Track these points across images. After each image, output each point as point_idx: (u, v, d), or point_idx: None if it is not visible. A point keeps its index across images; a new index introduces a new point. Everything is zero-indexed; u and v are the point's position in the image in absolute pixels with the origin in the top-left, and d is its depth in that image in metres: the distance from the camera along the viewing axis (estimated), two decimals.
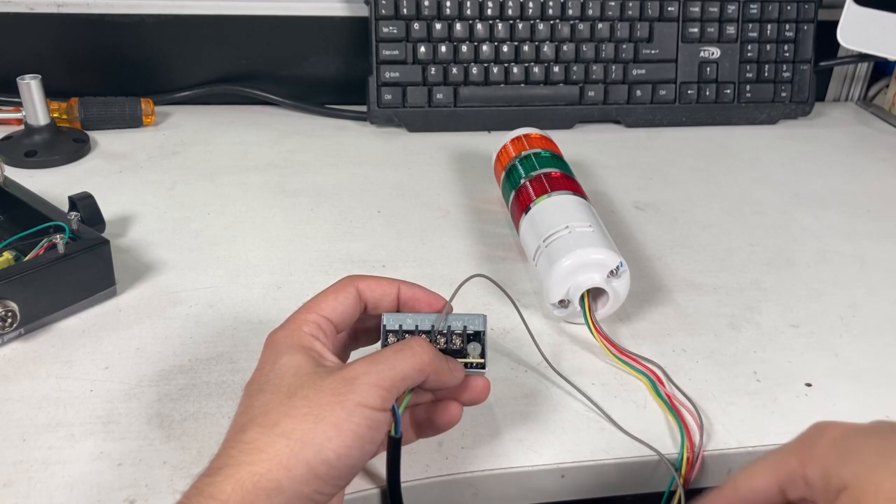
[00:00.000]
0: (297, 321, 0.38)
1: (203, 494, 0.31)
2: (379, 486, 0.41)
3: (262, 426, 0.33)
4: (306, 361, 0.36)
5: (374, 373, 0.35)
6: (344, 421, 0.33)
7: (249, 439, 0.33)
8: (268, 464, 0.32)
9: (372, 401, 0.34)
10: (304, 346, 0.37)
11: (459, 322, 0.41)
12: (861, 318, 0.56)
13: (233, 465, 0.32)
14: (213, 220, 0.66)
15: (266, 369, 0.36)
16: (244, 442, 0.33)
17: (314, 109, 0.88)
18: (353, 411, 0.33)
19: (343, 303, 0.40)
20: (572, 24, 0.85)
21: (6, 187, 0.59)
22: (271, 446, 0.32)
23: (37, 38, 0.83)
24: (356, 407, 0.34)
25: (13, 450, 0.42)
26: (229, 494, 0.31)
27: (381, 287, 0.41)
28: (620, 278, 0.51)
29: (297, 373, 0.35)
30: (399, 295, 0.41)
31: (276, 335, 0.38)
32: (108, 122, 0.81)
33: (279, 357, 0.37)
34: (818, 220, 0.70)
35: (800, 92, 0.91)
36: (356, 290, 0.40)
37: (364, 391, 0.34)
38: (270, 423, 0.33)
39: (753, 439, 0.45)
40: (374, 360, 0.36)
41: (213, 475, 0.32)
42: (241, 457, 0.32)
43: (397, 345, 0.38)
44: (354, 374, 0.35)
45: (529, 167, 0.62)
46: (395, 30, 0.82)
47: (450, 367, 0.39)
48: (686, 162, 0.81)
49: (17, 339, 0.50)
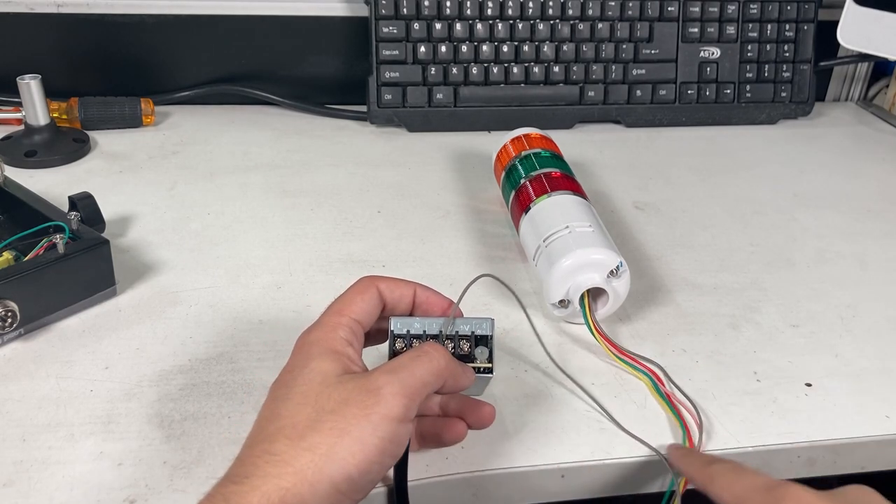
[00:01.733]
0: (332, 324, 0.38)
1: (229, 502, 0.32)
2: (386, 485, 0.41)
3: (290, 438, 0.33)
4: (334, 368, 0.36)
5: (396, 382, 0.35)
6: (369, 435, 0.33)
7: (277, 451, 0.33)
8: (293, 478, 0.32)
9: (396, 411, 0.34)
10: (338, 350, 0.37)
11: (467, 326, 0.41)
12: (861, 318, 0.56)
13: (259, 476, 0.32)
14: (213, 220, 0.66)
15: (295, 372, 0.36)
16: (270, 453, 0.33)
17: (314, 109, 0.88)
18: (378, 425, 0.34)
19: (369, 303, 0.40)
20: (572, 24, 0.85)
21: (6, 187, 0.59)
22: (297, 460, 0.33)
23: (37, 38, 0.83)
24: (381, 420, 0.34)
25: (13, 450, 0.42)
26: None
27: (400, 289, 0.41)
28: (620, 278, 0.51)
29: (325, 381, 0.36)
30: (415, 297, 0.42)
31: (310, 336, 0.38)
32: (108, 122, 0.81)
33: (310, 360, 0.37)
34: (818, 220, 0.70)
35: (800, 92, 0.91)
36: (378, 291, 0.41)
37: (388, 402, 0.34)
38: (297, 437, 0.33)
39: (753, 439, 0.45)
40: (394, 368, 0.36)
41: (240, 483, 0.32)
42: (268, 468, 0.33)
43: (412, 351, 0.38)
44: (378, 385, 0.35)
45: (529, 167, 0.62)
46: (395, 30, 0.82)
47: (463, 369, 0.39)
48: (686, 162, 0.81)
49: (17, 339, 0.50)
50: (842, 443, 0.46)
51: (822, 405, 0.48)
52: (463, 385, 0.39)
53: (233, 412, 0.45)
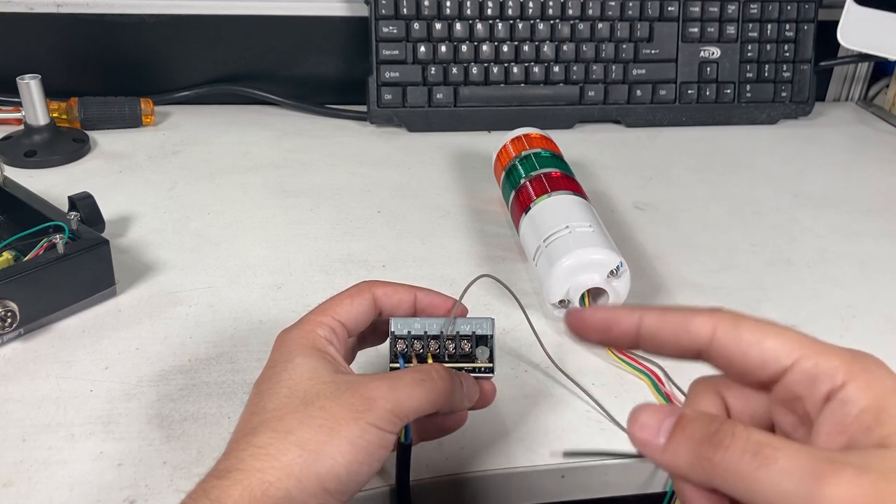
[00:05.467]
0: (312, 322, 0.38)
1: (209, 497, 0.31)
2: (388, 485, 0.41)
3: (276, 431, 0.33)
4: (324, 366, 0.36)
5: (392, 399, 0.34)
6: (358, 438, 0.33)
7: (261, 443, 0.32)
8: (279, 472, 0.31)
9: (385, 425, 0.34)
10: (319, 348, 0.37)
11: (468, 326, 0.41)
12: (861, 318, 0.56)
13: (242, 470, 0.32)
14: (213, 220, 0.66)
15: (278, 368, 0.36)
16: (255, 446, 0.32)
17: (314, 109, 0.88)
18: (366, 430, 0.33)
19: (358, 308, 0.39)
20: (572, 24, 0.85)
21: (6, 187, 0.59)
22: (284, 454, 0.32)
23: (37, 38, 0.83)
24: (370, 427, 0.33)
25: (13, 450, 0.42)
26: (237, 500, 0.31)
27: (399, 294, 0.41)
28: (620, 278, 0.51)
29: (314, 377, 0.35)
30: (416, 302, 0.41)
31: (289, 334, 0.38)
32: (108, 122, 0.81)
33: (293, 356, 0.36)
34: (818, 220, 0.70)
35: (800, 92, 0.91)
36: (372, 297, 0.40)
37: (380, 414, 0.34)
38: (284, 430, 0.33)
39: None
40: (394, 385, 0.35)
41: (221, 478, 0.31)
42: (252, 461, 0.32)
43: (418, 373, 0.37)
44: (374, 396, 0.34)
45: (529, 167, 0.62)
46: (395, 30, 0.82)
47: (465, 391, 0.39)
48: (686, 162, 0.81)
49: (17, 339, 0.50)
50: None
51: None
52: (459, 409, 0.39)
53: (233, 412, 0.45)
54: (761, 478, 0.24)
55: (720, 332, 0.27)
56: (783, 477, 0.23)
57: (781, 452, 0.24)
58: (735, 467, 0.25)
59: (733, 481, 0.25)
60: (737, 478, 0.25)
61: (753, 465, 0.24)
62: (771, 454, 0.24)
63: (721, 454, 0.25)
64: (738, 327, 0.27)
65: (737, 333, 0.27)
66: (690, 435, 0.26)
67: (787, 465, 0.24)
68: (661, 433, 0.27)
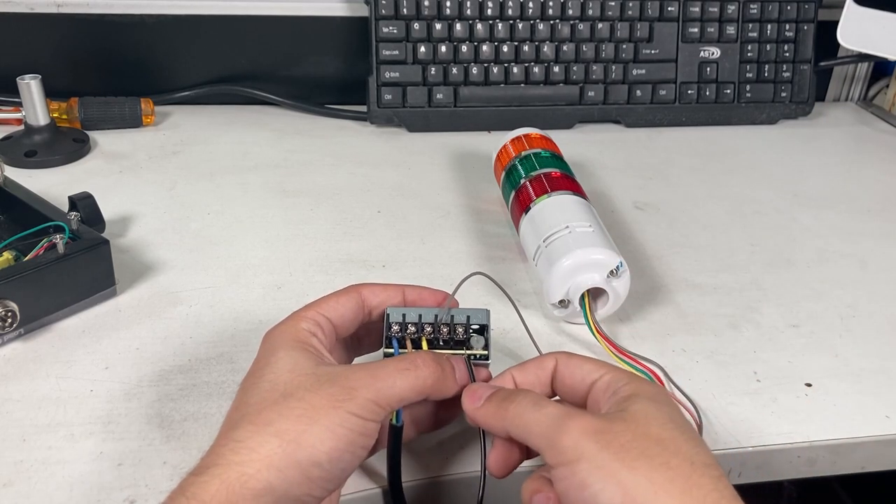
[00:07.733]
0: (295, 318, 0.39)
1: (186, 495, 0.31)
2: (380, 486, 0.41)
3: (255, 424, 0.33)
4: (305, 358, 0.36)
5: (373, 388, 0.35)
6: (337, 426, 0.33)
7: (240, 437, 0.32)
8: (259, 464, 0.31)
9: (366, 414, 0.34)
10: (301, 340, 0.37)
11: (464, 316, 0.41)
12: (861, 318, 0.56)
13: (221, 465, 0.32)
14: (213, 220, 0.66)
15: (261, 364, 0.36)
16: (235, 440, 0.32)
17: (314, 109, 0.88)
18: (346, 418, 0.33)
19: (344, 305, 0.40)
20: (572, 24, 0.85)
21: (6, 187, 0.59)
22: (263, 446, 0.32)
23: (37, 38, 0.83)
24: (349, 415, 0.33)
25: (13, 450, 0.42)
26: (213, 494, 0.31)
27: (386, 292, 0.41)
28: (620, 278, 0.51)
29: (294, 370, 0.35)
30: (405, 298, 0.42)
31: (274, 331, 0.38)
32: (108, 122, 0.81)
33: (276, 352, 0.36)
34: (818, 220, 0.70)
35: (800, 92, 0.91)
36: (359, 296, 0.41)
37: (360, 403, 0.34)
38: (263, 423, 0.33)
39: (753, 439, 0.45)
40: (376, 374, 0.35)
41: (200, 474, 0.32)
42: (231, 455, 0.32)
43: (403, 361, 0.37)
44: (354, 385, 0.34)
45: (529, 167, 0.62)
46: (395, 30, 0.82)
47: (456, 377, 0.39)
48: (686, 162, 0.81)
49: (17, 339, 0.50)
50: (842, 443, 0.46)
51: (822, 405, 0.48)
52: (448, 396, 0.39)
53: None
54: (533, 419, 0.34)
55: (560, 363, 0.39)
56: (546, 417, 0.34)
57: (551, 404, 0.35)
58: (521, 412, 0.35)
59: (517, 423, 0.35)
60: (519, 420, 0.35)
61: (531, 409, 0.35)
62: (544, 402, 0.35)
63: (514, 406, 0.36)
64: (570, 359, 0.39)
65: (569, 362, 0.39)
66: (496, 396, 0.37)
67: (553, 409, 0.34)
68: (481, 399, 0.37)
